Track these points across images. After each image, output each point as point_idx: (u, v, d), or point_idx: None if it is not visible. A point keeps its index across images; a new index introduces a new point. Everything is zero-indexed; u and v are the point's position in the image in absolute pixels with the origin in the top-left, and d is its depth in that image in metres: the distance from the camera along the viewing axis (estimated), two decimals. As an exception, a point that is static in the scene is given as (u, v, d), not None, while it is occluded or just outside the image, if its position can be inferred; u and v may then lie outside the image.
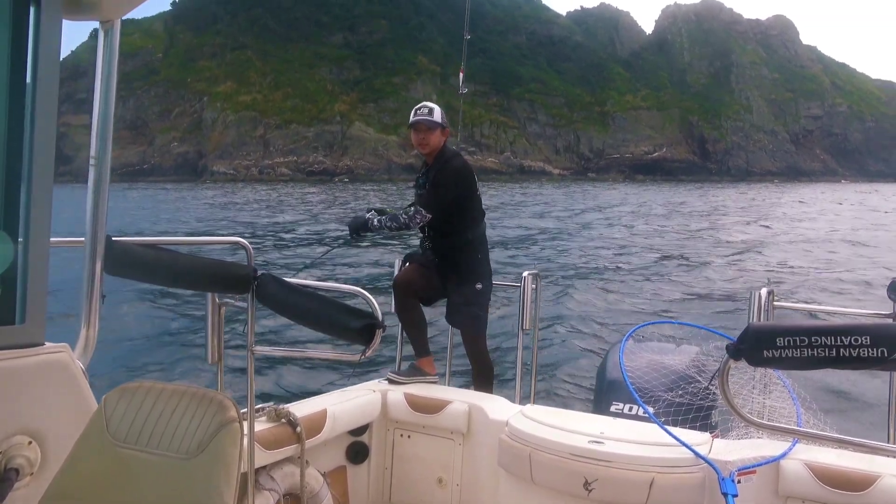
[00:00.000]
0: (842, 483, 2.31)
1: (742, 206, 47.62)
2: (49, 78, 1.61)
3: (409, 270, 3.75)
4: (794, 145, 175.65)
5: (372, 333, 1.98)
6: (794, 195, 69.87)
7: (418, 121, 3.73)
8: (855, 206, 47.44)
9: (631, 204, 48.84)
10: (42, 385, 1.67)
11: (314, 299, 2.10)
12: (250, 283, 2.14)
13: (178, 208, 44.72)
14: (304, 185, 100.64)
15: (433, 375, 3.62)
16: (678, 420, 2.84)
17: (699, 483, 2.43)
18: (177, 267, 2.09)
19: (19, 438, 1.62)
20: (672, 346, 3.46)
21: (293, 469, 2.65)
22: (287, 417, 2.67)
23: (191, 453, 1.41)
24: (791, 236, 26.52)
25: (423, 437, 3.24)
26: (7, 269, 1.61)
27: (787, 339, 1.80)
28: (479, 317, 3.76)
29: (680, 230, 28.95)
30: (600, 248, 22.76)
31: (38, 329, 1.66)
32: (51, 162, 1.63)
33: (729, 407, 2.07)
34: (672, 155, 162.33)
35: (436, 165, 3.74)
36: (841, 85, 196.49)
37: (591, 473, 2.45)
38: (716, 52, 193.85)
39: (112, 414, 1.49)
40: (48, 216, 1.64)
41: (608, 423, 2.80)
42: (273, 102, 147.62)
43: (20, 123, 1.60)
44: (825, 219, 36.17)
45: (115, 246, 1.94)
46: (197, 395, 1.48)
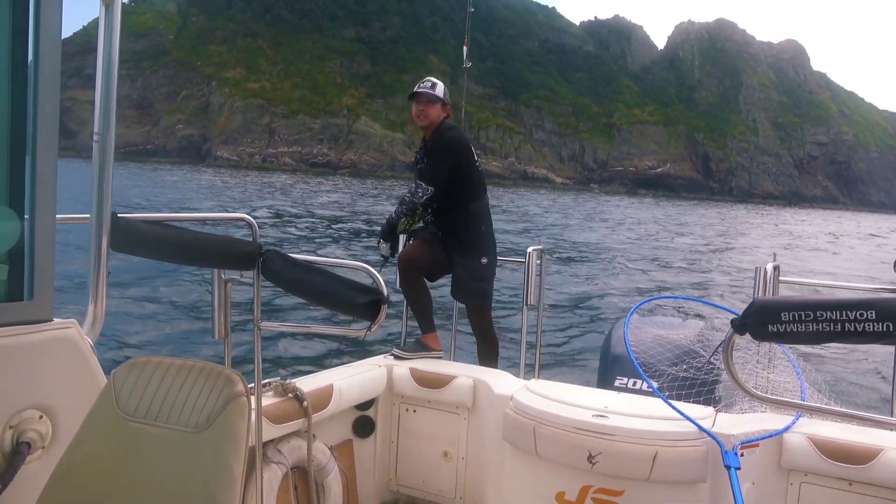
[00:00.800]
0: (844, 456, 2.32)
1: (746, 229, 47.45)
2: (51, 54, 1.60)
3: (413, 246, 3.73)
4: (798, 170, 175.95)
5: (377, 309, 1.99)
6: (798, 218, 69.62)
7: (420, 92, 3.72)
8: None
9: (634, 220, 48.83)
10: (52, 360, 1.70)
11: (320, 275, 2.11)
12: (256, 260, 2.15)
13: (181, 191, 44.61)
14: (309, 175, 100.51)
15: (438, 351, 3.62)
16: (682, 394, 2.85)
17: (702, 456, 2.44)
18: (183, 243, 2.09)
19: (30, 413, 1.65)
20: (677, 320, 3.44)
21: (300, 443, 2.68)
22: (294, 392, 2.69)
23: (199, 427, 1.43)
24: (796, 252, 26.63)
25: (429, 412, 3.26)
26: (14, 245, 1.63)
27: (792, 313, 1.80)
28: (485, 291, 3.76)
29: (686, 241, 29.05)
30: (606, 238, 22.73)
31: (47, 305, 1.68)
32: (55, 139, 1.64)
33: (733, 381, 2.07)
34: (675, 171, 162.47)
35: (434, 139, 3.73)
36: (848, 113, 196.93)
37: (596, 447, 2.47)
38: (726, 72, 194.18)
39: (121, 389, 1.51)
40: (53, 193, 1.65)
41: (612, 398, 2.81)
42: (281, 91, 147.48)
43: (23, 101, 1.60)
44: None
45: (121, 222, 1.94)
46: (205, 370, 1.50)
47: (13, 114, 1.61)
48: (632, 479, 2.48)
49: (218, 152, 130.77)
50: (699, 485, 2.48)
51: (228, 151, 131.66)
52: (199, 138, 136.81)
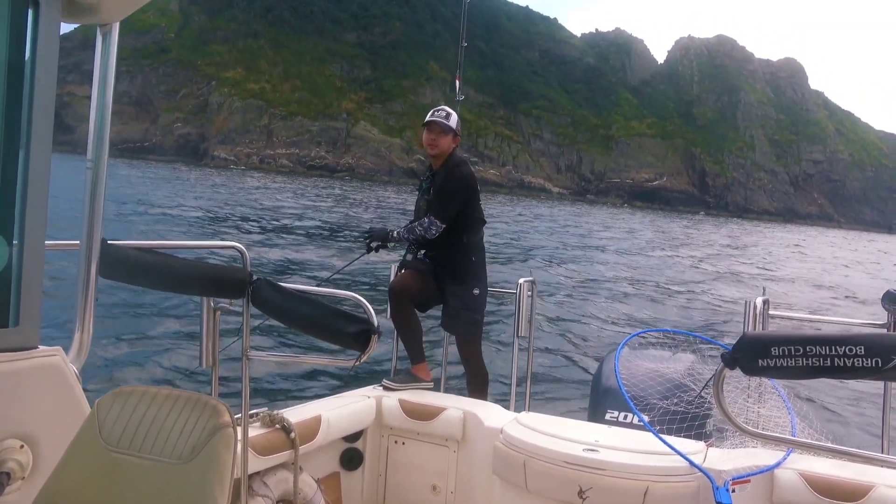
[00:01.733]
0: (835, 493, 2.30)
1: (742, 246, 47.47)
2: (46, 81, 1.61)
3: (405, 276, 3.72)
4: (793, 187, 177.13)
5: (367, 339, 1.98)
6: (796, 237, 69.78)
7: (434, 121, 3.70)
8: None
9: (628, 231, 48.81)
10: (35, 389, 1.66)
11: (310, 304, 2.09)
12: (246, 288, 2.13)
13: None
14: (306, 177, 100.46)
15: (428, 382, 3.59)
16: (673, 428, 2.83)
17: (693, 492, 2.43)
18: (172, 271, 2.06)
19: (11, 442, 1.61)
20: (668, 354, 3.44)
21: (287, 475, 2.64)
22: (281, 423, 2.65)
23: (184, 458, 1.41)
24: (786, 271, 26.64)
25: (418, 444, 3.22)
26: (1, 271, 1.60)
27: (782, 348, 1.80)
28: (477, 322, 3.75)
29: (678, 257, 29.05)
30: (598, 262, 22.71)
31: (32, 332, 1.66)
32: (47, 165, 1.63)
33: (724, 416, 2.05)
34: (672, 185, 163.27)
35: (442, 170, 3.73)
36: (844, 132, 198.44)
37: (586, 481, 2.45)
38: (724, 88, 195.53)
39: (105, 418, 1.48)
40: (43, 219, 1.64)
41: (603, 431, 2.80)
42: (281, 93, 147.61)
43: (17, 126, 1.59)
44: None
45: (110, 249, 1.92)
46: (191, 400, 1.48)
47: (6, 139, 1.59)
48: None
49: (215, 152, 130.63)
50: None
51: (226, 151, 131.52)
52: (196, 137, 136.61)
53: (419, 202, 3.79)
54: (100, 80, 1.84)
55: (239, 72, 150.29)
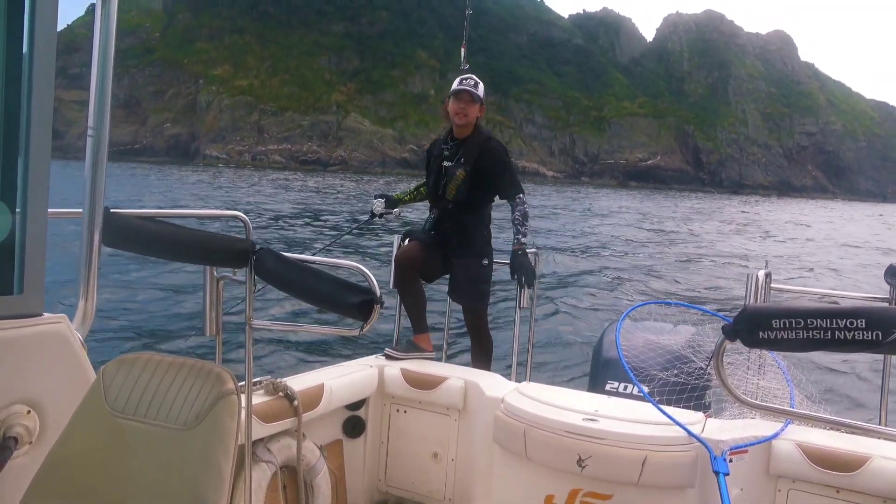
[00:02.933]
0: (832, 464, 2.33)
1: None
2: (46, 49, 1.60)
3: (411, 247, 3.72)
4: (787, 160, 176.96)
5: (370, 309, 1.98)
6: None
7: (464, 89, 3.68)
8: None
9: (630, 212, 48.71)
10: (40, 355, 1.69)
11: (313, 274, 2.10)
12: (249, 257, 2.14)
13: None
14: (298, 172, 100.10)
15: (430, 352, 3.63)
16: (672, 399, 2.86)
17: (691, 461, 2.46)
18: (175, 240, 2.08)
19: (18, 407, 1.64)
20: (669, 326, 3.45)
21: (290, 442, 2.68)
22: (284, 391, 2.69)
23: (189, 424, 1.43)
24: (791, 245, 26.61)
25: (420, 413, 3.26)
26: (5, 239, 1.61)
27: (783, 321, 1.81)
28: (485, 292, 3.80)
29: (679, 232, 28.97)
30: (600, 238, 22.65)
31: (37, 299, 1.67)
32: (48, 132, 1.64)
33: (723, 387, 2.07)
34: (666, 163, 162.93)
35: (473, 142, 3.73)
36: (836, 103, 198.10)
37: (585, 450, 2.49)
38: (714, 64, 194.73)
39: (110, 384, 1.51)
40: (46, 186, 1.65)
41: (603, 401, 2.83)
42: (269, 89, 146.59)
43: (17, 94, 1.60)
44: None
45: (114, 218, 1.93)
46: (195, 368, 1.49)
47: (6, 107, 1.60)
48: (621, 483, 2.49)
49: (207, 151, 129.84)
50: (688, 490, 2.49)
51: (217, 150, 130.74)
52: (187, 137, 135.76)
53: (454, 171, 3.68)
54: (100, 47, 1.84)
55: (226, 69, 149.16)
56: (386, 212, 3.93)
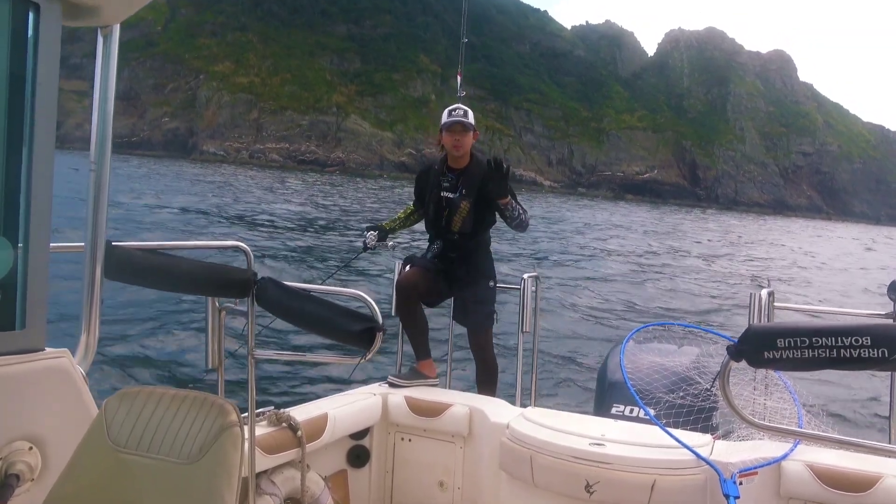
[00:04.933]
0: (843, 484, 2.31)
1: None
2: (48, 85, 1.63)
3: (412, 273, 3.71)
4: (783, 179, 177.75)
5: (372, 336, 1.98)
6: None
7: (457, 121, 3.70)
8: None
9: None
10: (42, 391, 1.67)
11: (314, 303, 2.10)
12: (250, 287, 2.14)
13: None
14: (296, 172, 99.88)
15: (433, 378, 3.62)
16: (679, 422, 2.84)
17: (701, 485, 2.43)
18: (177, 271, 2.08)
19: (20, 444, 1.62)
20: (673, 347, 3.42)
21: (294, 473, 2.66)
22: (288, 421, 2.68)
23: (192, 458, 1.41)
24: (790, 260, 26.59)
25: (424, 441, 3.23)
26: (7, 274, 1.61)
27: (788, 339, 1.80)
28: (491, 314, 3.80)
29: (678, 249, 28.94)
30: (600, 256, 22.60)
31: (39, 334, 1.66)
32: (51, 168, 1.64)
33: (730, 408, 2.08)
34: (663, 177, 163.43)
35: (472, 172, 3.74)
36: (833, 124, 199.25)
37: (593, 476, 2.46)
38: (714, 80, 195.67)
39: (112, 419, 1.49)
40: (48, 222, 1.64)
41: (609, 426, 2.81)
42: (270, 87, 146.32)
43: (20, 129, 1.60)
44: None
45: (115, 251, 1.93)
46: (198, 400, 1.48)
47: (9, 142, 1.60)
48: None
49: (204, 146, 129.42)
50: None
51: (215, 146, 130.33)
52: (185, 132, 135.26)
53: (457, 203, 3.70)
54: (101, 82, 1.84)
55: (227, 65, 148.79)
56: (379, 244, 3.90)
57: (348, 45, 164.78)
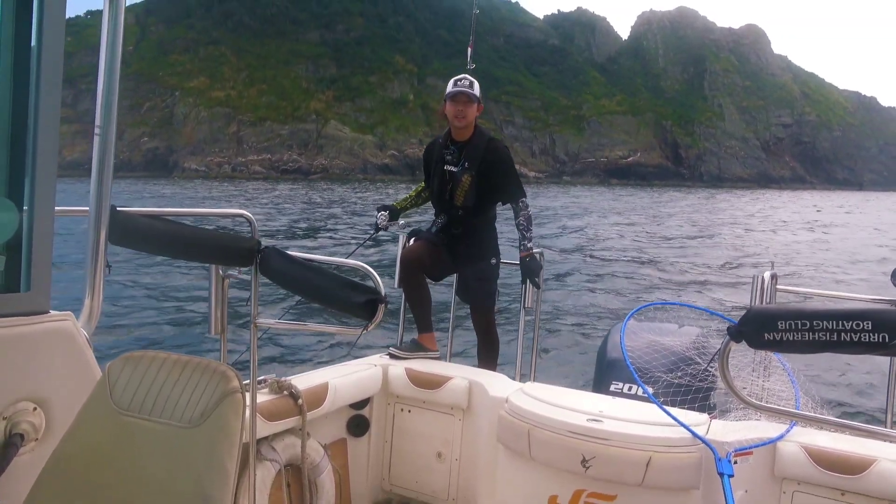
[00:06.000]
0: (838, 466, 2.33)
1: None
2: (54, 47, 1.61)
3: (417, 246, 3.72)
4: (765, 152, 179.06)
5: (374, 308, 1.99)
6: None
7: (461, 91, 3.63)
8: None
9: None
10: (47, 352, 1.70)
11: (318, 273, 2.11)
12: (254, 256, 2.14)
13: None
14: (279, 182, 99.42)
15: (435, 351, 3.63)
16: (677, 401, 2.87)
17: (696, 463, 2.46)
18: (181, 238, 2.08)
19: (24, 404, 1.65)
20: (673, 327, 3.44)
21: (294, 440, 2.70)
22: (289, 389, 2.70)
23: (193, 422, 1.43)
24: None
25: (424, 412, 3.26)
26: (12, 237, 1.63)
27: (789, 322, 1.81)
28: (493, 291, 3.82)
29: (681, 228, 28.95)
30: (601, 238, 22.58)
31: (43, 297, 1.68)
32: (56, 131, 1.65)
33: (728, 388, 2.08)
34: (646, 160, 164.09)
35: (475, 145, 3.70)
36: (810, 94, 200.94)
37: (589, 451, 2.49)
38: (689, 59, 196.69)
39: (116, 382, 1.51)
40: (53, 185, 1.66)
41: (607, 402, 2.84)
42: (247, 99, 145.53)
43: (25, 93, 1.61)
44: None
45: (120, 216, 1.94)
46: (200, 366, 1.50)
47: (14, 105, 1.61)
48: (625, 483, 2.49)
49: (185, 164, 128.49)
50: (692, 491, 2.49)
51: (196, 162, 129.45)
52: (164, 150, 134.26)
53: (459, 176, 3.67)
54: (107, 47, 1.84)
55: (202, 80, 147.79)
56: (391, 224, 3.90)
57: (322, 51, 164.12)
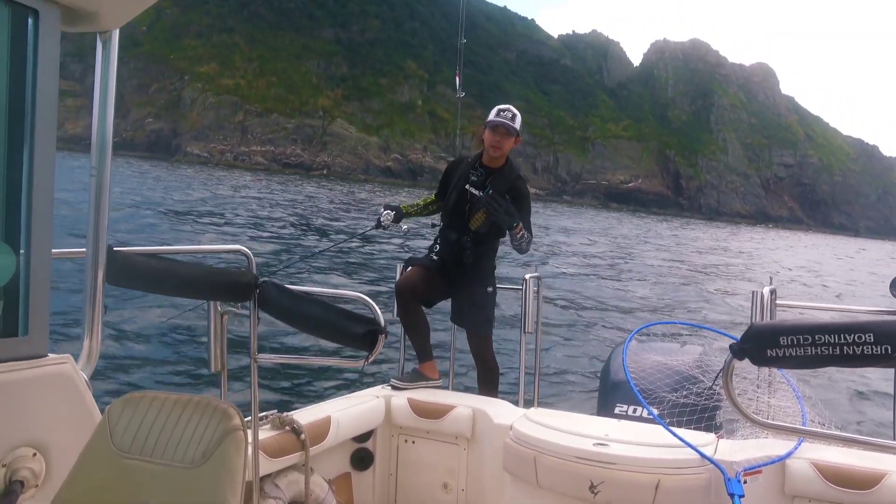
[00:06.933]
0: (848, 481, 2.31)
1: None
2: (48, 90, 1.62)
3: (411, 274, 3.72)
4: (765, 190, 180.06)
5: (374, 339, 1.99)
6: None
7: (502, 123, 3.69)
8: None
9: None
10: (46, 397, 1.67)
11: (316, 306, 2.11)
12: (252, 291, 2.15)
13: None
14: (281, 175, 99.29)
15: (436, 380, 3.62)
16: (683, 421, 2.85)
17: (705, 484, 2.44)
18: (178, 276, 2.09)
19: (24, 450, 1.62)
20: (676, 346, 3.42)
21: (298, 476, 2.67)
22: (291, 425, 2.69)
23: (195, 462, 1.41)
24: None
25: (428, 443, 3.24)
26: (9, 280, 1.61)
27: (791, 337, 1.80)
28: (489, 319, 3.81)
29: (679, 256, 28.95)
30: (600, 255, 22.53)
31: (41, 340, 1.67)
32: (51, 173, 1.64)
33: (733, 407, 2.07)
34: (647, 186, 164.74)
35: (503, 175, 3.75)
36: (814, 137, 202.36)
37: (597, 476, 2.46)
38: (698, 91, 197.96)
39: (116, 424, 1.49)
40: (50, 227, 1.65)
41: (613, 426, 2.83)
42: (256, 89, 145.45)
43: (20, 135, 1.60)
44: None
45: (117, 256, 1.94)
46: (201, 404, 1.48)
47: (10, 149, 1.60)
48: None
49: (188, 148, 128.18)
50: None
51: (199, 148, 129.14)
52: (169, 133, 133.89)
53: (481, 197, 3.70)
54: (101, 87, 1.86)
55: (213, 67, 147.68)
56: (393, 224, 3.90)
57: (335, 49, 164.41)
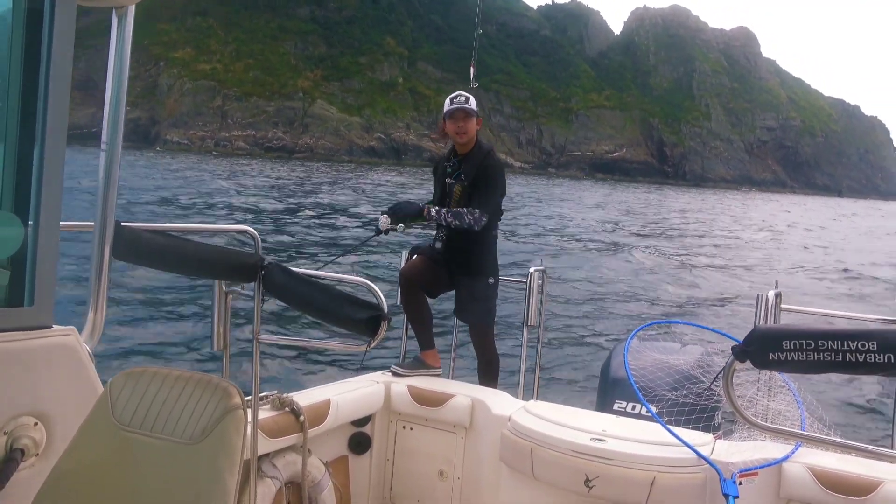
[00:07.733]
0: (843, 488, 2.31)
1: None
2: (62, 65, 1.62)
3: (415, 263, 3.75)
4: (748, 154, 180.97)
5: (377, 325, 1.99)
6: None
7: (458, 108, 3.66)
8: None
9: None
10: (49, 367, 1.70)
11: (321, 290, 2.12)
12: (257, 272, 2.16)
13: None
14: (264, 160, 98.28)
15: (437, 368, 3.63)
16: (681, 420, 2.86)
17: (700, 483, 2.44)
18: (185, 254, 2.09)
19: (25, 419, 1.64)
20: (677, 345, 3.44)
21: (295, 457, 2.69)
22: (291, 406, 2.70)
23: (195, 439, 1.42)
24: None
25: (426, 430, 3.24)
26: (17, 251, 1.63)
27: (794, 342, 1.80)
28: (490, 310, 3.80)
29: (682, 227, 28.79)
30: (604, 247, 22.54)
31: (47, 312, 1.68)
32: (62, 146, 1.65)
33: (732, 408, 2.06)
34: (631, 156, 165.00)
35: (473, 157, 3.72)
36: (796, 99, 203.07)
37: (593, 471, 2.47)
38: (680, 58, 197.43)
39: (117, 398, 1.50)
40: (58, 199, 1.66)
41: (611, 421, 2.84)
42: (233, 73, 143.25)
43: (33, 109, 1.61)
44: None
45: (124, 231, 1.94)
46: (202, 382, 1.49)
47: (21, 119, 1.62)
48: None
49: (167, 136, 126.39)
50: None
51: (179, 135, 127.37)
52: (147, 121, 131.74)
53: (453, 187, 3.73)
54: (115, 63, 1.86)
55: (188, 52, 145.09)
56: (391, 228, 3.83)
57: (312, 29, 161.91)
